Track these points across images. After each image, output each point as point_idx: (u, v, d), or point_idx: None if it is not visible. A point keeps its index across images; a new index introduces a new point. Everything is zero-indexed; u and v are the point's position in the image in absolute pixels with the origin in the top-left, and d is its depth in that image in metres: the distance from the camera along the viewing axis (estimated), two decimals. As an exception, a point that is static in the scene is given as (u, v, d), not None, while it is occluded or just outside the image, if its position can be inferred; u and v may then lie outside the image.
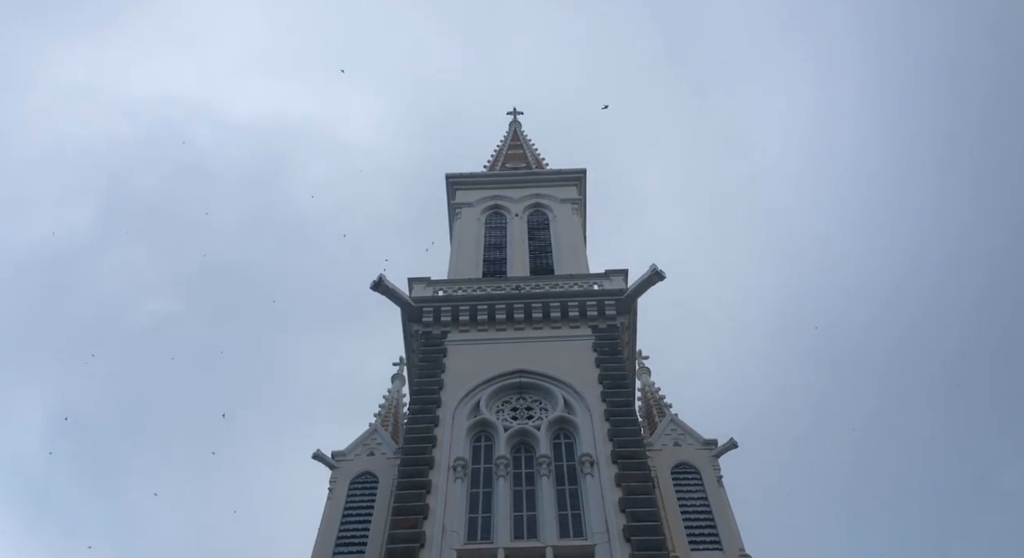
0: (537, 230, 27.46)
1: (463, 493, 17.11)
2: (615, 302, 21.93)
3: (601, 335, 21.28)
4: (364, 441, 19.96)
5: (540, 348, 20.96)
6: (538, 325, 21.74)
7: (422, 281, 22.95)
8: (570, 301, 21.96)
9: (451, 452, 17.93)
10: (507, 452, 18.10)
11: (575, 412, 18.97)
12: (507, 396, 19.78)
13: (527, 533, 16.24)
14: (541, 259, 25.96)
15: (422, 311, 22.03)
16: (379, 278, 22.23)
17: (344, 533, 17.34)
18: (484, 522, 16.57)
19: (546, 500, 16.80)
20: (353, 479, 18.73)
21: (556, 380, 19.82)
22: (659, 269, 22.08)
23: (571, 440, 18.56)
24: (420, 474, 17.30)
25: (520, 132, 36.08)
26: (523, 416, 19.17)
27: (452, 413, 19.01)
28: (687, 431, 19.89)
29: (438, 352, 21.03)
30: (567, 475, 17.59)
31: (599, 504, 16.42)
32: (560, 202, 28.49)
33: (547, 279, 23.40)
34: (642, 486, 16.67)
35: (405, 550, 15.52)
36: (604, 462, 17.38)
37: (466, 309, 21.97)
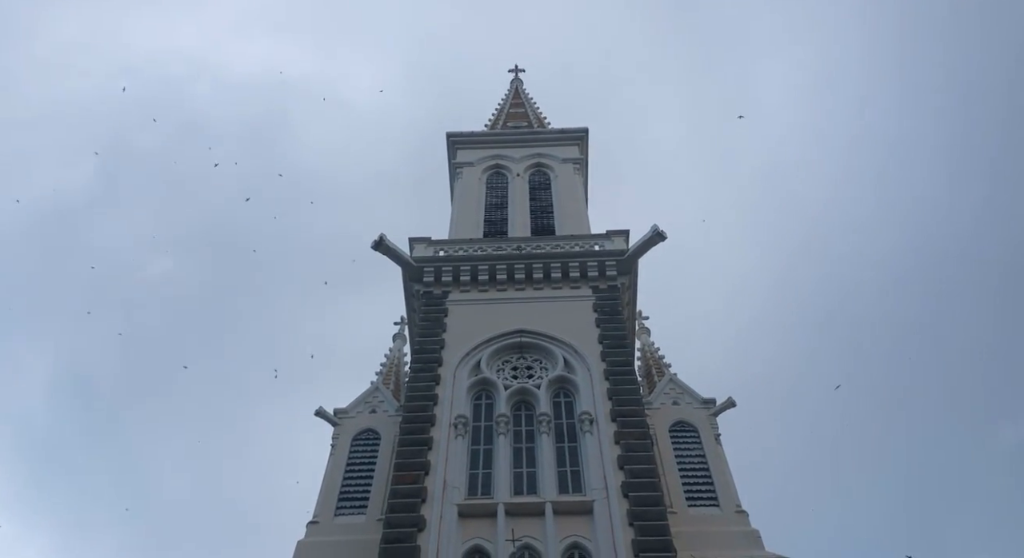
0: (538, 190, 27.31)
1: (464, 450, 17.36)
2: (616, 263, 21.93)
3: (602, 295, 21.34)
4: (366, 399, 20.19)
5: (541, 308, 21.04)
6: (539, 285, 21.78)
7: (423, 241, 22.93)
8: (571, 262, 21.97)
9: (452, 410, 18.14)
10: (507, 410, 18.30)
11: (575, 371, 19.13)
12: (508, 355, 19.93)
13: (527, 489, 16.51)
14: (542, 219, 25.87)
15: (423, 271, 22.06)
16: (380, 238, 22.22)
17: (347, 488, 17.65)
18: (485, 478, 16.84)
19: (546, 457, 17.05)
20: (355, 436, 19.00)
21: (556, 340, 19.95)
22: (660, 230, 22.04)
23: (571, 399, 18.75)
24: (421, 431, 17.53)
25: (522, 90, 35.65)
26: (523, 375, 19.34)
27: (453, 372, 19.18)
28: (686, 390, 20.08)
29: (439, 312, 21.13)
30: (566, 433, 17.82)
31: (598, 461, 16.67)
32: (562, 162, 28.29)
33: (548, 239, 23.37)
34: (640, 443, 16.90)
35: (407, 505, 15.81)
36: (603, 420, 17.59)
37: (467, 269, 21.99)
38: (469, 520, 15.74)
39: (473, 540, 15.35)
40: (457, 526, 15.56)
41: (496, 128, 31.75)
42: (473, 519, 15.76)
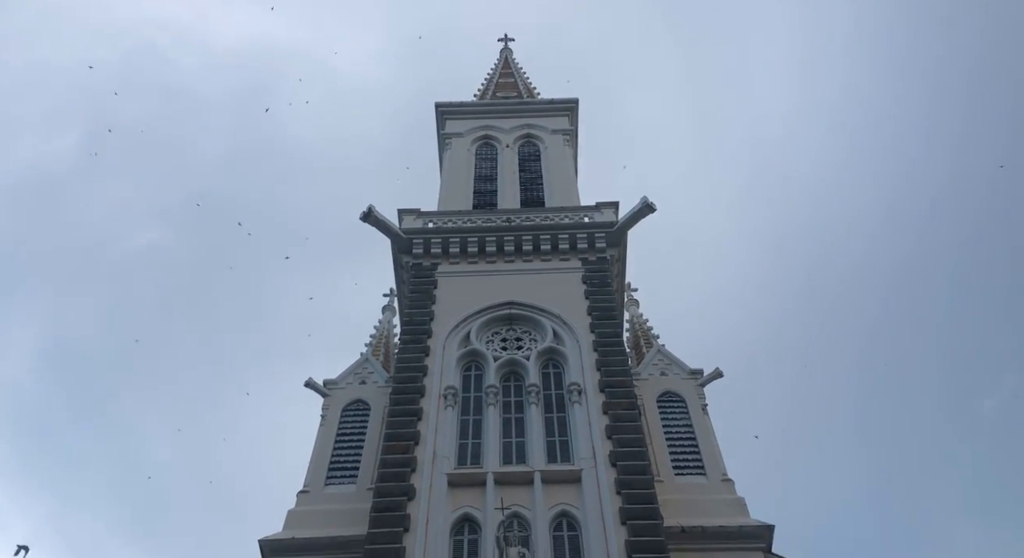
0: (528, 161, 27.16)
1: (453, 420, 17.48)
2: (605, 235, 21.94)
3: (591, 267, 21.38)
4: (356, 370, 20.24)
5: (530, 280, 21.07)
6: (528, 257, 21.78)
7: (412, 212, 22.82)
8: (560, 234, 21.95)
9: (442, 381, 18.23)
10: (497, 381, 18.41)
11: (564, 343, 19.23)
12: (497, 327, 19.99)
13: (516, 458, 16.67)
14: (532, 191, 25.77)
15: (412, 243, 22.00)
16: (368, 209, 22.11)
17: (337, 458, 17.78)
18: (474, 448, 16.98)
19: (534, 427, 17.20)
20: (345, 407, 19.08)
21: (545, 312, 20.01)
22: (650, 201, 22.02)
23: (559, 370, 18.87)
24: (411, 402, 17.62)
25: (511, 60, 35.25)
26: (513, 347, 19.42)
27: (443, 343, 19.23)
28: (673, 361, 20.24)
29: (428, 284, 21.11)
30: (555, 403, 17.97)
31: (586, 431, 16.83)
32: (551, 133, 28.11)
33: (537, 211, 23.32)
34: (628, 414, 17.06)
35: (397, 474, 15.95)
36: (592, 391, 17.73)
37: (456, 241, 21.94)
38: (459, 489, 15.90)
39: (463, 509, 15.53)
40: (447, 495, 15.72)
41: (485, 98, 31.46)
42: (463, 488, 15.92)
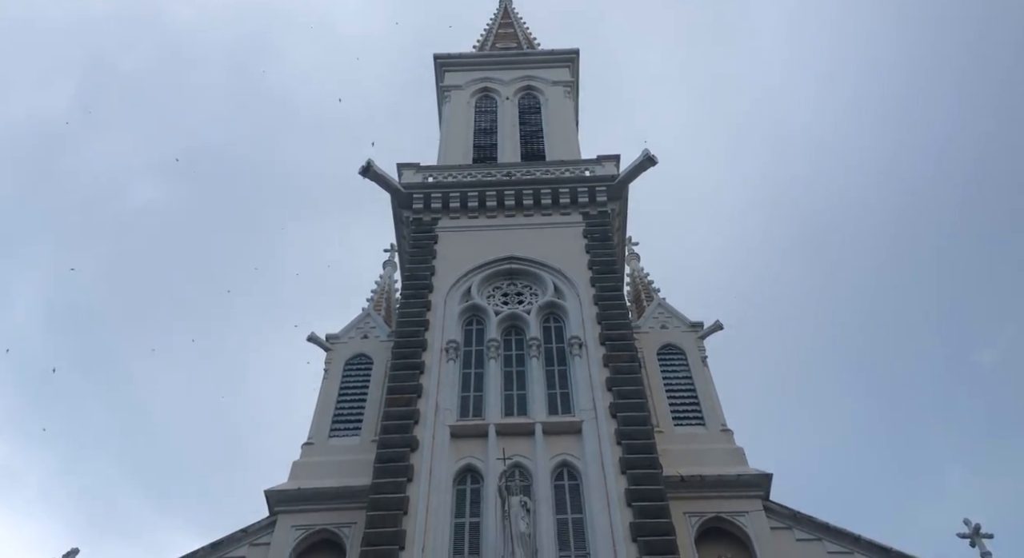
0: (528, 114, 26.83)
1: (455, 374, 17.64)
2: (606, 188, 21.81)
3: (592, 222, 21.31)
4: (358, 325, 20.35)
5: (530, 235, 21.02)
6: (529, 212, 21.70)
7: (411, 167, 22.66)
8: (561, 188, 21.82)
9: (443, 335, 18.35)
10: (498, 335, 18.53)
11: (564, 297, 19.29)
12: (498, 282, 20.03)
13: (517, 410, 16.88)
14: (532, 144, 25.52)
15: (412, 197, 21.89)
16: (367, 163, 21.94)
17: (340, 411, 17.99)
18: (476, 400, 17.18)
19: (536, 380, 17.37)
20: (348, 360, 19.24)
21: (546, 266, 20.02)
22: (651, 154, 21.84)
23: (560, 323, 18.98)
24: (413, 356, 17.77)
25: (511, 10, 34.53)
26: (513, 301, 19.49)
27: (444, 298, 19.30)
28: (674, 314, 20.32)
29: (429, 239, 21.09)
30: (556, 356, 18.12)
31: (587, 383, 17.00)
32: (552, 85, 27.70)
33: (538, 165, 23.13)
34: (628, 366, 17.22)
35: (400, 426, 16.18)
36: (592, 344, 17.86)
37: (456, 196, 21.83)
38: (461, 440, 16.14)
39: (465, 459, 15.79)
40: (449, 446, 15.97)
41: (485, 49, 30.92)
42: (465, 439, 16.17)
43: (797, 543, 15.03)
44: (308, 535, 15.29)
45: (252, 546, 15.22)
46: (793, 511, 15.44)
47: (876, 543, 14.85)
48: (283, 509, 15.66)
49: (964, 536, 15.06)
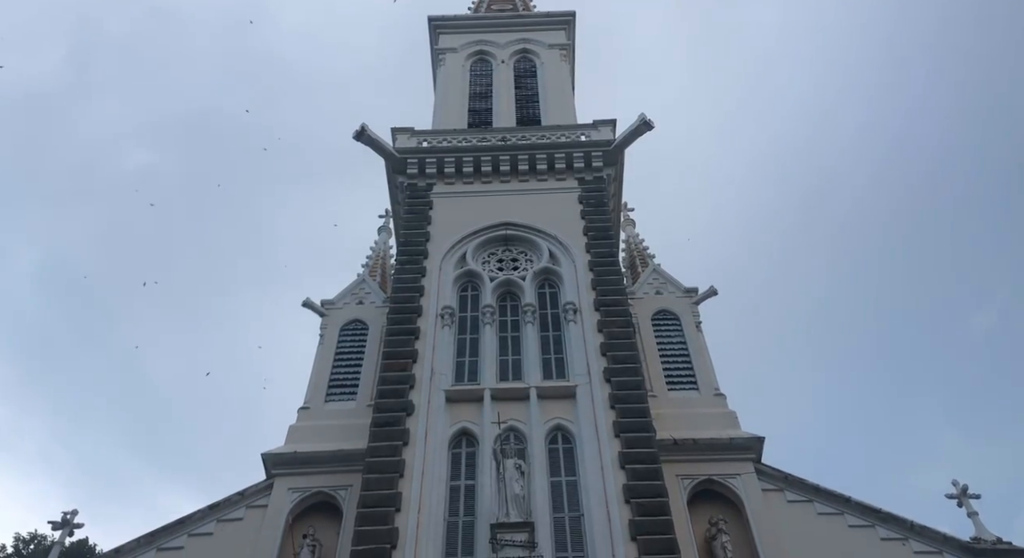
0: (524, 78, 26.47)
1: (450, 339, 17.68)
2: (602, 153, 21.62)
3: (587, 187, 21.18)
4: (353, 290, 20.33)
5: (526, 200, 20.89)
6: (524, 177, 21.53)
7: (406, 131, 22.41)
8: (556, 153, 21.62)
9: (438, 301, 18.34)
10: (493, 301, 18.53)
11: (560, 263, 19.26)
12: (493, 248, 19.96)
13: (512, 375, 16.95)
14: (528, 109, 25.23)
15: (407, 162, 21.69)
16: (361, 128, 21.69)
17: (336, 376, 18.07)
18: (471, 365, 17.25)
19: (530, 345, 17.41)
20: (343, 326, 19.26)
21: (541, 232, 19.94)
22: (648, 119, 21.62)
23: (555, 289, 18.97)
24: (409, 321, 17.77)
25: (506, -29, 33.84)
26: (509, 267, 19.45)
27: (439, 264, 19.24)
28: (669, 280, 20.33)
29: (424, 204, 20.95)
30: (551, 322, 18.14)
31: (581, 348, 17.05)
32: (548, 48, 27.28)
33: (534, 130, 22.88)
34: (623, 331, 17.26)
35: (396, 391, 16.25)
36: (587, 310, 17.88)
37: (451, 161, 21.63)
38: (456, 405, 16.25)
39: (460, 423, 15.91)
40: (445, 410, 16.08)
41: (480, 11, 30.39)
42: (460, 404, 16.27)
43: (788, 504, 15.26)
44: (305, 497, 15.47)
45: (249, 508, 15.40)
46: (784, 473, 15.64)
47: (866, 504, 15.08)
48: (280, 472, 15.81)
49: (952, 497, 15.32)
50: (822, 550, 14.39)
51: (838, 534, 14.74)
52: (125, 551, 14.72)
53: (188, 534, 15.02)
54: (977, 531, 14.66)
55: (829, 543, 14.55)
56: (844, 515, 15.01)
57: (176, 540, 14.93)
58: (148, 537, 14.92)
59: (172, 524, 15.11)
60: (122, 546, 14.81)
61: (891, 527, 14.73)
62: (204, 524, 15.17)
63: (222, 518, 15.25)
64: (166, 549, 14.80)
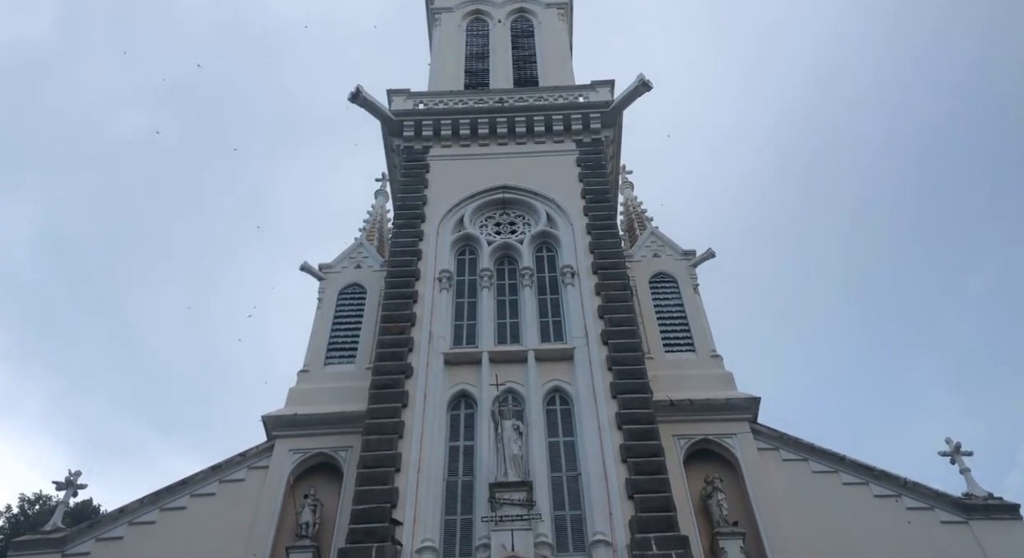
0: (521, 38, 26.09)
1: (448, 303, 17.72)
2: (600, 115, 21.42)
3: (585, 150, 21.03)
4: (350, 254, 20.29)
5: (523, 163, 20.76)
6: (521, 140, 21.37)
7: (402, 93, 22.16)
8: (554, 115, 21.42)
9: (436, 265, 18.33)
10: (491, 264, 18.52)
11: (557, 226, 19.21)
12: (490, 211, 19.89)
13: (510, 338, 17.02)
14: (525, 69, 24.91)
15: (403, 125, 21.50)
16: (357, 89, 21.45)
17: (335, 339, 18.13)
18: (469, 329, 17.31)
19: (528, 308, 17.46)
20: (341, 290, 19.27)
21: (539, 195, 19.85)
22: (646, 79, 21.38)
23: (553, 253, 18.96)
24: (406, 285, 17.79)
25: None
26: (506, 231, 19.40)
27: (436, 228, 19.19)
28: (666, 243, 20.29)
29: (420, 167, 20.82)
30: (549, 285, 18.17)
31: (579, 311, 17.10)
32: (545, 7, 26.84)
33: (531, 91, 22.62)
34: (620, 294, 17.28)
35: (394, 354, 16.32)
36: (584, 273, 17.89)
37: (448, 123, 21.44)
38: (455, 367, 16.35)
39: (459, 386, 16.03)
40: (443, 373, 16.18)
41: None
42: (459, 366, 16.37)
43: (783, 463, 15.43)
44: (306, 458, 15.63)
45: (251, 469, 15.57)
46: (780, 433, 15.81)
47: (859, 462, 15.27)
48: (281, 434, 15.96)
49: (944, 454, 15.51)
50: (816, 507, 14.59)
51: (832, 492, 14.93)
52: (129, 511, 14.93)
53: (191, 494, 15.20)
54: (969, 487, 14.88)
55: (823, 500, 14.76)
56: (838, 473, 15.20)
57: (179, 500, 15.13)
58: (152, 497, 15.12)
59: (175, 485, 15.30)
60: (126, 506, 15.01)
61: (884, 484, 14.93)
62: (206, 485, 15.35)
63: (224, 479, 15.43)
64: (169, 509, 15.00)
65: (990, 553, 13.74)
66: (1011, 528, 14.13)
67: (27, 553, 14.30)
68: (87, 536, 14.59)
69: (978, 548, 13.84)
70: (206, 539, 14.34)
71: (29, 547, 14.41)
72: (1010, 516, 14.30)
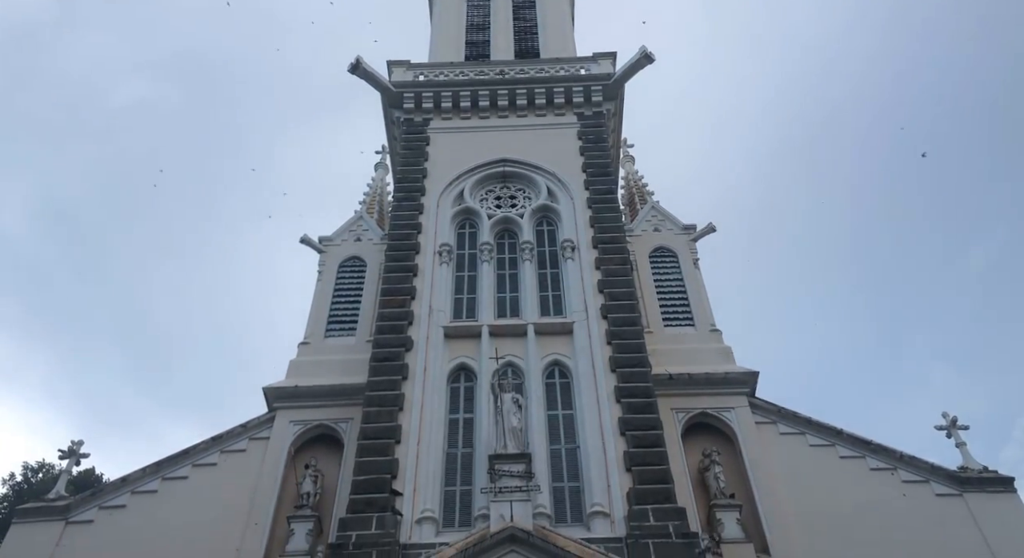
0: (522, 9, 25.76)
1: (448, 276, 17.71)
2: (602, 88, 21.24)
3: (586, 123, 20.89)
4: (350, 227, 20.24)
5: (524, 136, 20.63)
6: (522, 112, 21.21)
7: (402, 64, 21.95)
8: (555, 87, 21.24)
9: (436, 238, 18.30)
10: (491, 238, 18.49)
11: (558, 200, 19.14)
12: (491, 185, 19.81)
13: (510, 312, 17.04)
14: (526, 41, 24.64)
15: (403, 97, 21.33)
16: (356, 60, 21.25)
17: (335, 312, 18.15)
18: (469, 303, 17.32)
19: (528, 282, 17.46)
20: (341, 263, 19.26)
21: (540, 169, 19.76)
22: (649, 52, 21.17)
23: (553, 227, 18.91)
24: (407, 259, 17.77)
25: None
26: (507, 204, 19.33)
27: (436, 201, 19.13)
28: (667, 217, 20.24)
29: (421, 140, 20.69)
30: (549, 259, 18.15)
31: (579, 286, 17.11)
32: (547, -24, 26.46)
33: (532, 63, 22.41)
34: (620, 268, 17.27)
35: (394, 327, 16.36)
36: (585, 247, 17.86)
37: (448, 95, 21.26)
38: (455, 341, 16.39)
39: (459, 359, 16.08)
40: (443, 346, 16.22)
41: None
42: (458, 340, 16.41)
43: (780, 437, 15.54)
44: (306, 429, 15.74)
45: (252, 440, 15.69)
46: (777, 407, 15.89)
47: (856, 436, 15.38)
48: (281, 405, 16.05)
49: (941, 428, 15.62)
50: (813, 480, 14.73)
51: (829, 465, 15.06)
52: (131, 480, 15.07)
53: (192, 464, 15.34)
54: (964, 461, 15.01)
55: (820, 473, 14.89)
56: (835, 446, 15.32)
57: (181, 470, 15.27)
58: (154, 467, 15.26)
59: (177, 455, 15.43)
60: (128, 475, 15.16)
61: (881, 458, 15.06)
62: (208, 455, 15.48)
63: (225, 449, 15.55)
64: (171, 479, 15.14)
65: (983, 525, 13.90)
66: (1005, 501, 14.29)
67: (32, 520, 14.48)
68: (90, 504, 14.76)
69: (972, 520, 14.00)
70: (207, 508, 14.49)
71: (34, 514, 14.58)
72: (1004, 489, 14.46)
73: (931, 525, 14.02)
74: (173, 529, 14.14)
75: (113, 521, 14.51)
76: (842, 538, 13.64)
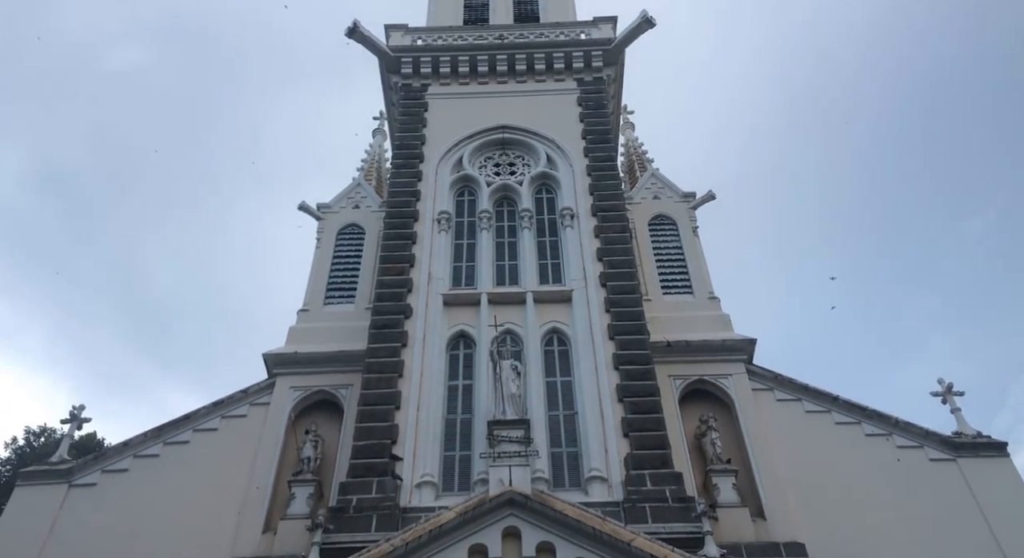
0: (522, -29, 25.33)
1: (447, 244, 17.69)
2: (602, 53, 20.99)
3: (586, 88, 20.68)
4: (349, 194, 20.14)
5: (523, 102, 20.45)
6: (522, 78, 20.99)
7: (399, 28, 21.66)
8: (555, 52, 20.99)
9: (435, 205, 18.24)
10: (490, 206, 18.43)
11: (557, 167, 19.03)
12: (490, 151, 19.69)
13: (509, 280, 17.06)
14: (526, 4, 24.27)
15: (400, 62, 21.08)
16: (354, 24, 20.96)
17: (334, 279, 18.14)
18: (468, 270, 17.33)
19: (527, 250, 17.44)
20: (340, 230, 19.20)
21: (539, 135, 19.62)
22: (650, 16, 20.88)
23: (552, 194, 18.84)
24: (405, 226, 17.74)
25: None
26: (506, 171, 19.23)
27: (435, 168, 19.02)
28: (667, 184, 20.15)
29: (419, 106, 20.51)
30: (548, 227, 18.11)
31: (578, 254, 17.10)
32: (546, -62, 25.94)
33: (532, 27, 22.11)
34: (619, 236, 17.26)
35: (393, 294, 16.40)
36: (584, 215, 17.81)
37: (446, 60, 21.02)
38: (454, 308, 16.42)
39: (458, 326, 16.13)
40: (442, 313, 16.26)
41: None
42: (457, 307, 16.44)
43: (777, 403, 15.66)
44: (307, 395, 15.83)
45: (252, 406, 15.79)
46: (774, 373, 15.99)
47: (852, 402, 15.50)
48: (281, 371, 16.12)
49: (937, 394, 15.75)
50: (808, 446, 14.87)
51: (824, 431, 15.20)
52: (133, 444, 15.21)
53: (193, 429, 15.46)
54: (959, 426, 15.16)
55: (815, 439, 15.03)
56: (831, 413, 15.44)
57: (182, 435, 15.39)
58: (155, 431, 15.38)
59: (178, 419, 15.54)
60: (130, 440, 15.28)
61: (876, 423, 15.18)
62: (209, 420, 15.59)
63: (226, 414, 15.66)
64: (172, 443, 15.27)
65: (976, 489, 14.09)
66: (998, 465, 14.46)
67: (35, 483, 14.64)
68: (93, 468, 14.91)
69: (965, 484, 14.19)
70: (209, 472, 14.64)
71: (37, 477, 14.74)
72: (997, 454, 14.63)
73: (925, 489, 14.20)
74: (175, 492, 14.30)
75: (115, 484, 14.67)
76: (836, 502, 13.82)
